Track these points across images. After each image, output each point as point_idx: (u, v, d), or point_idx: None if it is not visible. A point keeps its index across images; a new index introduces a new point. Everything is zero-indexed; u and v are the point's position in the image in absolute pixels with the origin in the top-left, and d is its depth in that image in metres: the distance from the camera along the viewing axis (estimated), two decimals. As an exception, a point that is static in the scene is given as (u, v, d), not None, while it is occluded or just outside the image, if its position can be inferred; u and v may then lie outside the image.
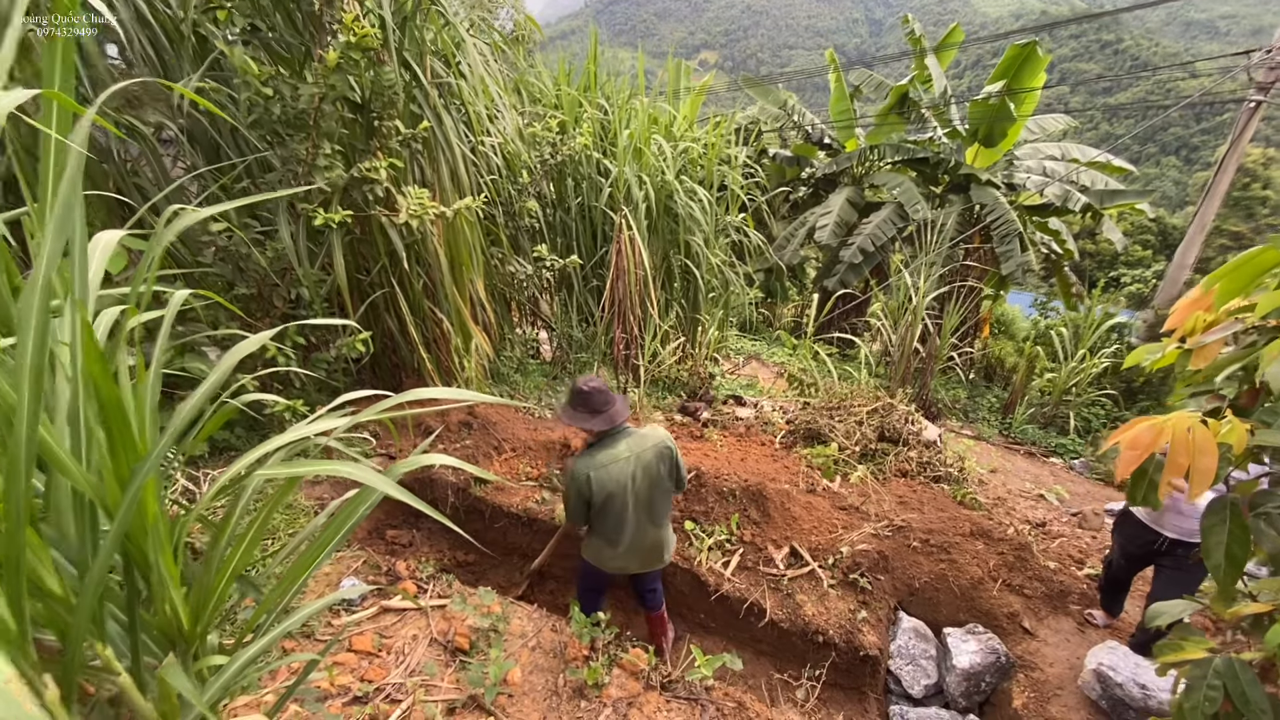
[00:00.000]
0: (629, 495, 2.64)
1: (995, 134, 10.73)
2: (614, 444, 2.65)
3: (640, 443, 2.68)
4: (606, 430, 2.65)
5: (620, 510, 2.66)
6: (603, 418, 2.65)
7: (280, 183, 3.30)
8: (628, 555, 2.79)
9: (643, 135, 6.26)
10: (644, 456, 2.65)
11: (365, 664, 2.46)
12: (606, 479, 2.59)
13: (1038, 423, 9.06)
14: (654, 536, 2.80)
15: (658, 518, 2.78)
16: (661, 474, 2.70)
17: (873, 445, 4.94)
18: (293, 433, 1.57)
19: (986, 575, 3.52)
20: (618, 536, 2.73)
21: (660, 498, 2.73)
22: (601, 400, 2.65)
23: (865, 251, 10.46)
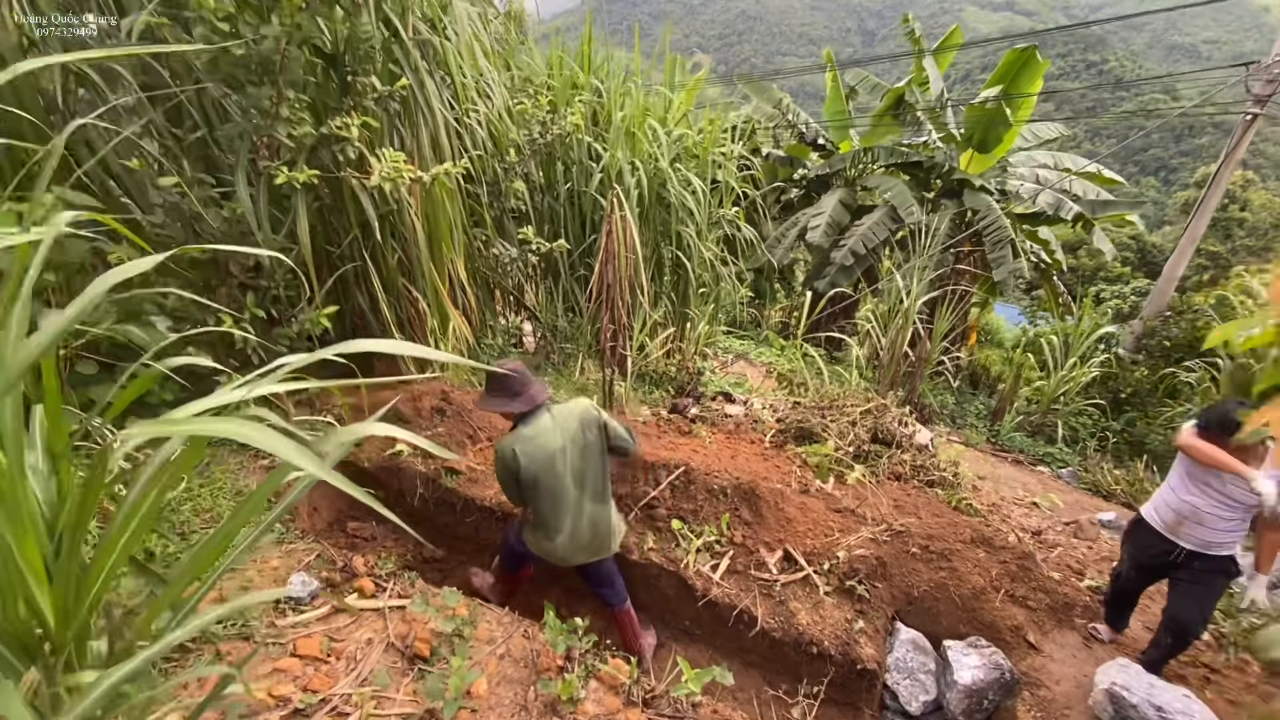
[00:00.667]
0: (561, 466, 2.62)
1: (990, 139, 10.66)
2: (536, 419, 2.65)
3: (563, 413, 2.69)
4: (528, 410, 2.65)
5: (554, 485, 2.62)
6: (522, 399, 2.65)
7: (239, 136, 3.00)
8: (570, 542, 2.70)
9: (637, 119, 6.01)
10: (569, 426, 2.66)
11: (310, 671, 2.18)
12: (533, 450, 2.57)
13: (1025, 430, 8.97)
14: (593, 513, 2.72)
15: (595, 491, 2.72)
16: (590, 440, 2.69)
17: (866, 446, 4.74)
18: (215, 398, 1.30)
19: (988, 585, 3.32)
20: (556, 518, 2.66)
21: (594, 465, 2.71)
22: (519, 382, 2.66)
23: (856, 254, 10.31)
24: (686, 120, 6.91)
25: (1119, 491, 6.78)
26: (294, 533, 2.86)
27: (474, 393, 4.17)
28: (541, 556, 2.79)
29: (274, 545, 2.74)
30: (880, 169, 11.91)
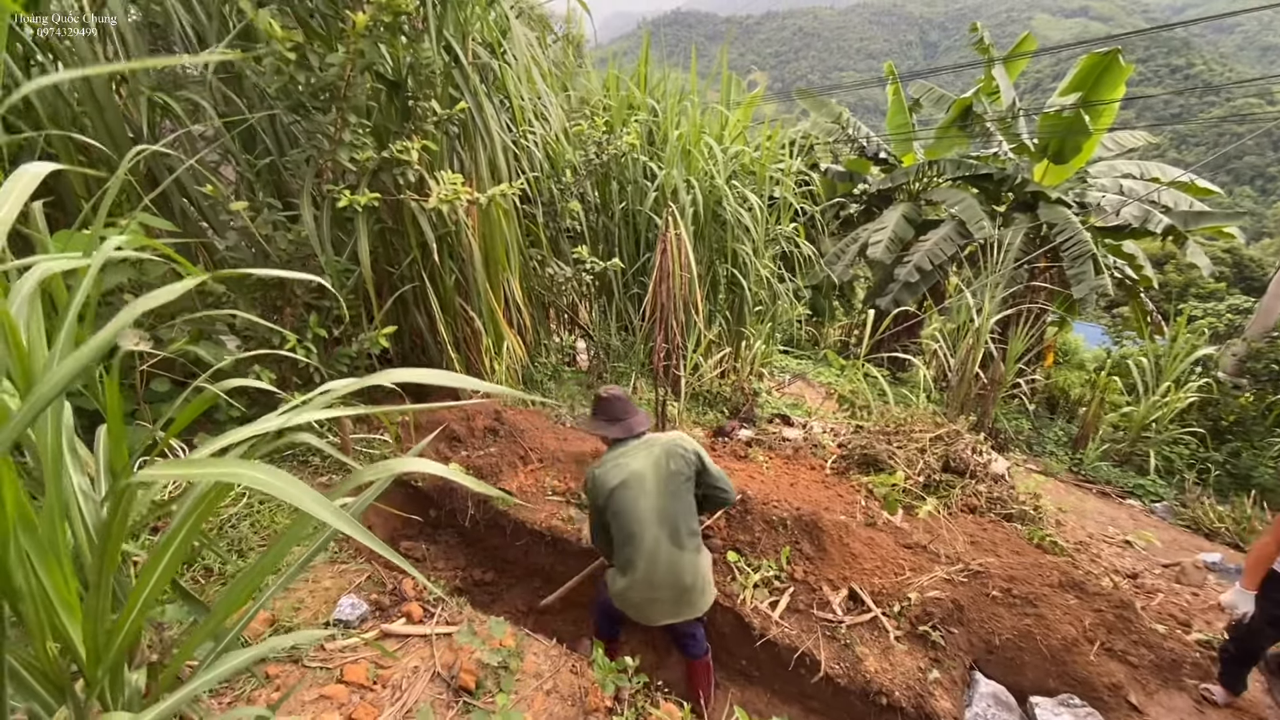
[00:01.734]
0: (637, 492, 2.45)
1: (1067, 149, 10.07)
2: (624, 446, 2.57)
3: (652, 440, 2.57)
4: (622, 438, 2.59)
5: (629, 511, 2.44)
6: (620, 425, 2.60)
7: (306, 161, 3.09)
8: (646, 585, 2.44)
9: (693, 136, 5.95)
10: (653, 451, 2.52)
11: (356, 699, 2.13)
12: (613, 470, 2.47)
13: (1112, 460, 8.30)
14: (673, 559, 2.43)
15: (675, 530, 2.45)
16: (673, 470, 2.48)
17: (936, 476, 4.44)
18: (261, 424, 1.26)
19: (1081, 636, 3.00)
20: (631, 556, 2.44)
21: (677, 501, 2.47)
22: (620, 409, 2.61)
23: (922, 270, 9.89)
24: (743, 137, 6.80)
25: (1223, 530, 6.13)
26: (346, 552, 2.86)
27: (527, 412, 4.15)
28: (621, 608, 2.56)
29: (327, 564, 2.74)
30: (946, 182, 11.44)
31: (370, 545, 0.87)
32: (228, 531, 2.77)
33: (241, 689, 2.06)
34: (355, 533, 0.86)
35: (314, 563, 2.73)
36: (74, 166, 3.19)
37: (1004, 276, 8.01)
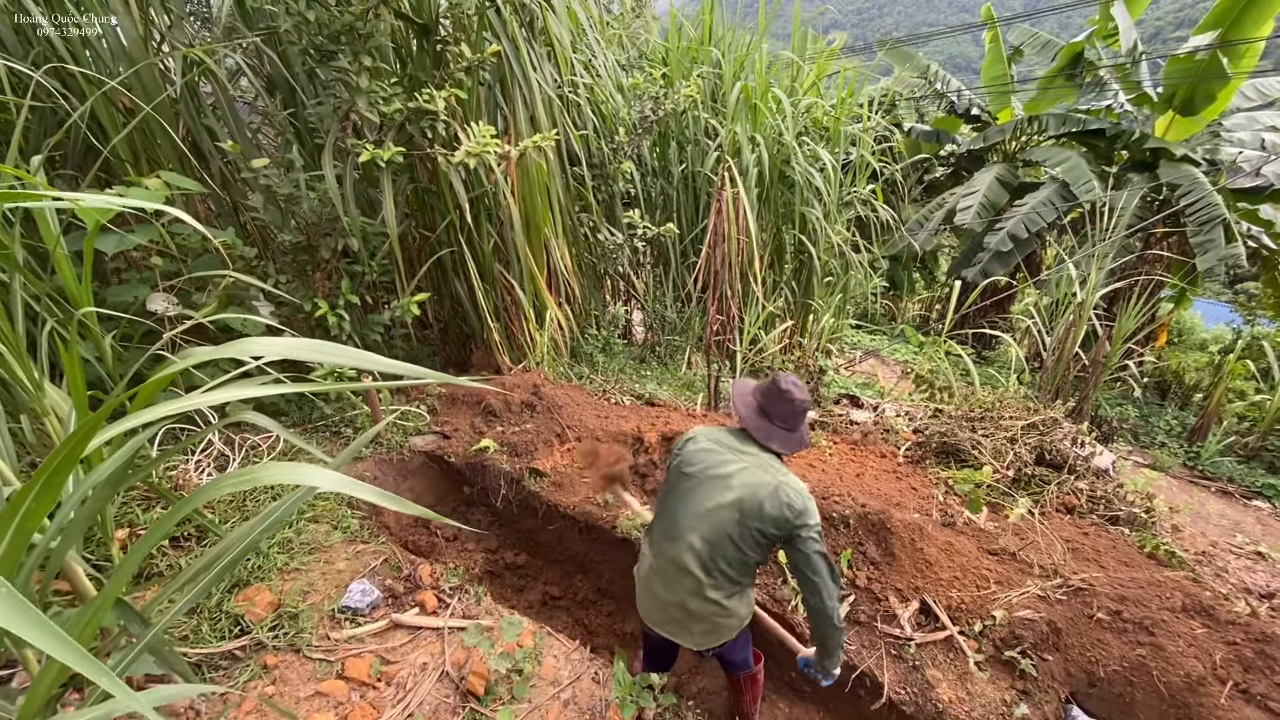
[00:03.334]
0: (694, 495, 1.90)
1: (1198, 98, 8.76)
2: (743, 445, 1.95)
3: (769, 473, 1.87)
4: (746, 430, 1.97)
5: (675, 506, 1.94)
6: (758, 423, 1.95)
7: (332, 113, 2.87)
8: (647, 581, 1.98)
9: (760, 89, 5.42)
10: (761, 478, 1.85)
11: (355, 698, 1.95)
12: (695, 455, 1.95)
13: (1236, 454, 7.29)
14: (689, 586, 1.88)
15: (703, 561, 1.87)
16: (752, 513, 1.81)
17: (1028, 470, 3.89)
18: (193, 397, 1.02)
19: (1210, 673, 2.47)
20: (659, 539, 1.96)
21: (724, 539, 1.85)
22: (781, 413, 1.93)
23: (1016, 238, 8.92)
24: (816, 89, 6.19)
25: (1381, 543, 5.21)
26: (368, 530, 2.70)
27: (567, 387, 3.89)
28: None
29: (344, 543, 2.59)
30: (1048, 140, 10.26)
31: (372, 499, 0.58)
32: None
33: (236, 679, 1.92)
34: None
35: (330, 542, 2.59)
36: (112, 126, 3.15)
37: (1114, 245, 7.08)
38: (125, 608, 1.23)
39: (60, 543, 1.24)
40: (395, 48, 3.53)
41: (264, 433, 3.19)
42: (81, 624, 1.04)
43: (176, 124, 3.39)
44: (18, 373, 1.74)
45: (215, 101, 3.61)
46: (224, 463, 2.96)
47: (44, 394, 1.83)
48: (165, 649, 1.33)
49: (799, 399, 1.93)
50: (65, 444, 0.91)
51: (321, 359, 0.99)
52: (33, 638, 0.59)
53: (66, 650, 0.59)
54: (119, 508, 2.43)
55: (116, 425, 1.14)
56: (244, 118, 3.77)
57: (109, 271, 3.11)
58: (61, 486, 0.96)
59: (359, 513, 2.78)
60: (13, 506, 0.93)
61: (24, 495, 0.92)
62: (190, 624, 2.05)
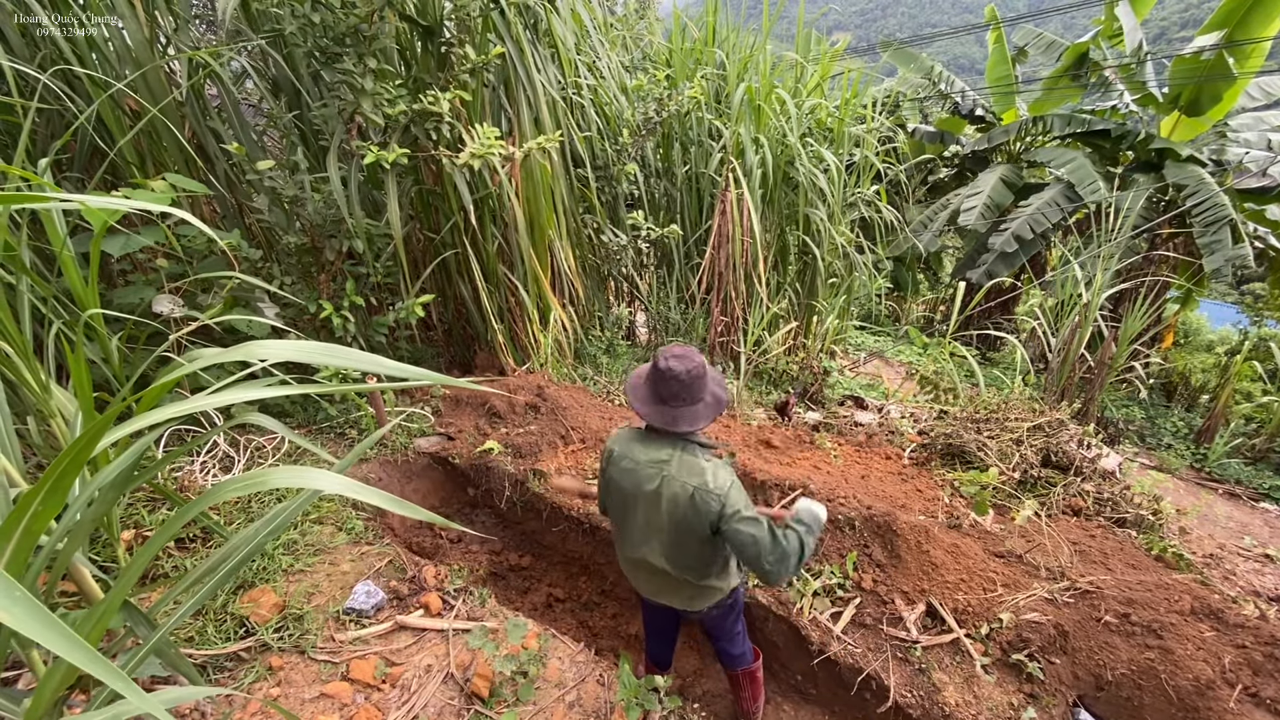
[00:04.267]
0: (631, 513, 1.90)
1: (1204, 99, 8.72)
2: (656, 448, 1.85)
3: (684, 473, 1.80)
4: (655, 429, 1.87)
5: (623, 519, 1.95)
6: (660, 411, 1.80)
7: (337, 115, 2.88)
8: (629, 566, 2.07)
9: (764, 89, 5.42)
10: (672, 487, 1.80)
11: (360, 699, 1.95)
12: (620, 479, 1.88)
13: (1243, 456, 7.25)
14: (654, 570, 1.95)
15: (671, 561, 1.90)
16: (690, 520, 1.80)
17: (1035, 472, 3.87)
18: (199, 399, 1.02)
19: (1219, 677, 2.45)
20: (620, 533, 2.00)
21: (680, 544, 1.87)
22: (673, 391, 1.77)
23: (1021, 239, 8.89)
24: (820, 90, 6.18)
25: (1391, 545, 5.17)
26: (372, 532, 2.70)
27: (571, 389, 3.88)
28: None
29: (349, 545, 2.59)
30: (1053, 141, 10.24)
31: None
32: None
33: (241, 680, 1.92)
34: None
35: (335, 543, 2.59)
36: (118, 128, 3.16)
37: (1119, 246, 7.07)
38: (132, 609, 1.23)
39: (67, 544, 1.24)
40: (400, 50, 3.53)
41: (269, 434, 3.19)
42: (89, 626, 1.04)
43: (182, 126, 3.39)
44: (24, 374, 1.75)
45: (221, 104, 3.62)
46: (229, 464, 2.96)
47: (50, 395, 1.84)
48: (171, 651, 1.33)
49: (682, 369, 1.76)
50: (73, 446, 0.91)
51: (326, 361, 0.99)
52: (45, 639, 0.59)
53: (78, 652, 0.59)
54: (125, 509, 2.44)
55: (123, 427, 1.14)
56: (249, 120, 3.78)
57: (115, 273, 3.12)
58: (68, 488, 0.96)
59: (363, 514, 2.78)
60: (20, 508, 0.93)
61: (31, 497, 0.93)
62: (196, 625, 2.06)
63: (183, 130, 3.39)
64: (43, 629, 0.60)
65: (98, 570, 1.71)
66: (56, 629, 0.60)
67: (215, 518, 2.51)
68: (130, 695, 0.60)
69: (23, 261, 1.87)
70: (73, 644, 0.60)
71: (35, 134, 3.08)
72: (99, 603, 1.06)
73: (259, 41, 3.30)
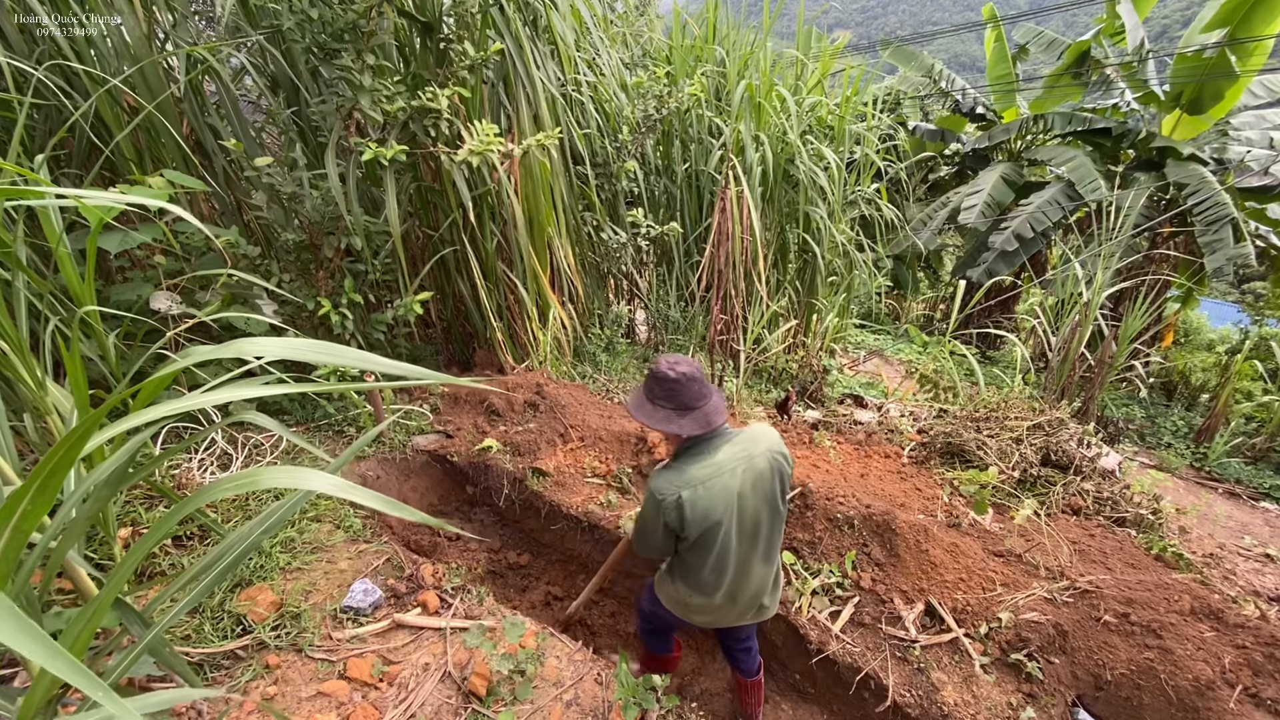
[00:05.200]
0: (734, 522, 1.87)
1: (1206, 97, 8.70)
2: (711, 452, 1.85)
3: (749, 447, 1.87)
4: (700, 435, 1.85)
5: (724, 544, 1.88)
6: (695, 416, 1.82)
7: (335, 111, 2.87)
8: (723, 605, 2.00)
9: (764, 86, 5.40)
10: (756, 464, 1.85)
11: (357, 698, 1.95)
12: (710, 502, 1.81)
13: (1243, 456, 7.24)
14: (760, 577, 2.00)
15: (768, 549, 1.97)
16: (777, 491, 1.90)
17: (1034, 471, 3.87)
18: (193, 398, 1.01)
19: (1218, 677, 2.45)
20: (715, 580, 1.94)
21: (773, 518, 1.93)
22: (695, 392, 1.82)
23: (1021, 237, 8.87)
24: (821, 87, 6.16)
25: (1391, 545, 5.17)
26: (370, 529, 2.70)
27: (570, 386, 3.88)
28: (676, 615, 2.10)
29: (346, 543, 2.59)
30: (1054, 139, 10.22)
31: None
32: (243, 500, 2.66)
33: (238, 679, 1.92)
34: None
35: (332, 541, 2.58)
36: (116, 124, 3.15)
37: (1120, 245, 7.04)
38: (126, 608, 1.22)
39: (61, 542, 1.23)
40: (398, 46, 3.52)
41: (267, 431, 3.19)
42: (80, 625, 1.03)
43: (180, 123, 3.38)
44: (20, 371, 1.74)
45: (219, 100, 3.61)
46: (227, 461, 2.96)
47: (46, 392, 1.83)
48: (166, 649, 1.32)
49: (692, 370, 1.84)
50: (64, 442, 0.90)
51: (324, 359, 0.98)
52: (23, 648, 0.57)
53: (57, 661, 0.58)
54: (121, 507, 2.43)
55: (118, 424, 1.13)
56: (248, 117, 3.77)
57: (112, 270, 3.11)
58: (60, 485, 0.95)
59: (361, 512, 2.78)
60: (10, 505, 0.92)
61: (22, 494, 0.92)
62: (192, 623, 2.05)
63: (181, 127, 3.37)
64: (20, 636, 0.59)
65: (93, 569, 1.70)
66: (36, 638, 0.59)
67: (212, 515, 2.51)
68: (108, 704, 0.59)
69: (19, 258, 1.86)
70: (53, 653, 0.59)
71: (33, 130, 3.07)
72: (91, 601, 1.05)
73: (257, 37, 3.29)
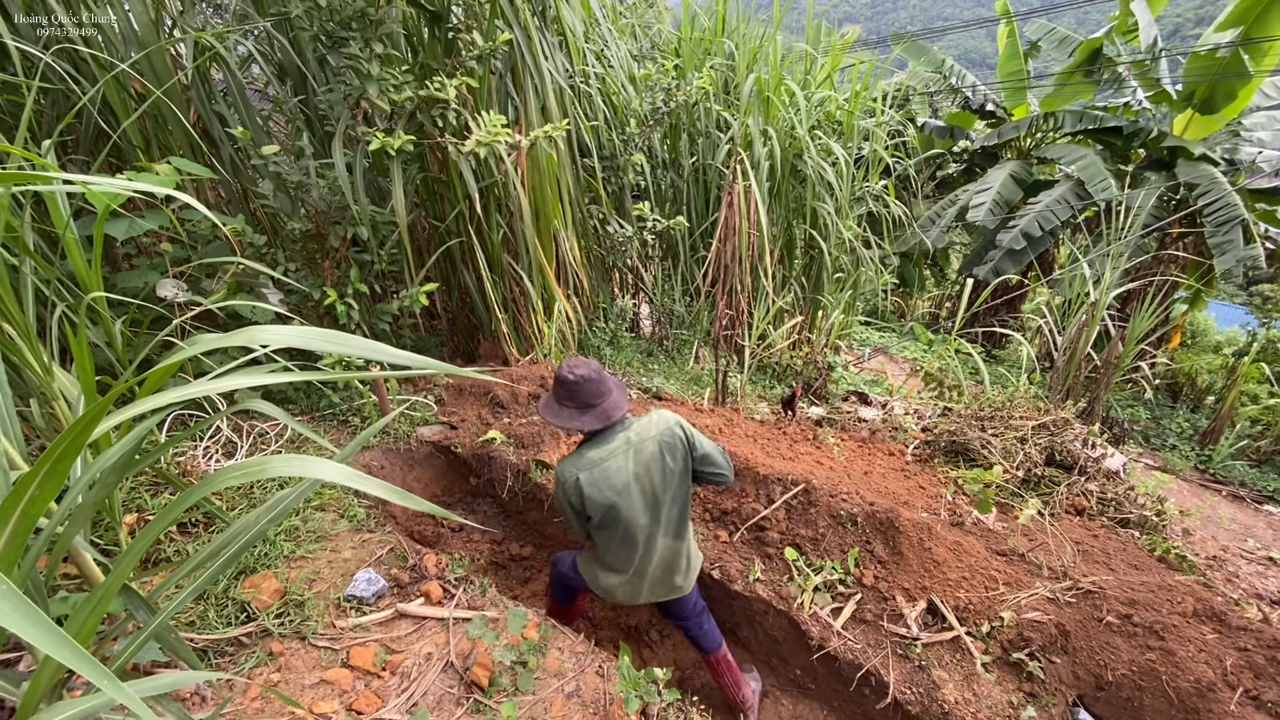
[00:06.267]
0: (633, 500, 2.09)
1: (1218, 97, 8.62)
2: (609, 439, 2.11)
3: (641, 432, 2.12)
4: (600, 428, 2.10)
5: (626, 524, 2.11)
6: (595, 412, 2.08)
7: (343, 100, 2.86)
8: (634, 583, 2.22)
9: (773, 80, 5.37)
10: (645, 448, 2.10)
11: (360, 686, 1.95)
12: (602, 482, 2.05)
13: (1249, 459, 7.22)
14: (668, 550, 2.20)
15: (672, 525, 2.18)
16: (671, 466, 2.11)
17: (1038, 470, 3.85)
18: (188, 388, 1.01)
19: (1220, 679, 2.44)
20: (621, 557, 2.17)
21: (674, 496, 2.15)
22: (593, 391, 2.08)
23: (1029, 236, 8.83)
24: (830, 82, 6.12)
25: (1396, 550, 5.15)
26: (374, 519, 2.70)
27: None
28: (598, 594, 2.33)
29: (350, 532, 2.59)
30: (1064, 137, 10.15)
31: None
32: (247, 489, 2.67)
33: (242, 665, 1.93)
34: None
35: (336, 530, 2.59)
36: (123, 111, 3.14)
37: (1129, 245, 7.01)
38: (132, 594, 1.22)
39: (68, 527, 1.24)
40: (406, 35, 3.50)
41: (272, 420, 3.19)
42: (86, 611, 1.03)
43: (187, 110, 3.37)
44: (27, 356, 1.74)
45: (226, 88, 3.60)
46: (232, 449, 2.97)
47: (53, 378, 1.83)
48: (171, 635, 1.33)
49: (590, 373, 2.06)
50: (73, 427, 0.90)
51: (330, 348, 0.98)
52: (29, 635, 0.58)
53: (63, 648, 0.58)
54: (127, 493, 2.44)
55: (125, 410, 1.14)
56: (255, 105, 3.76)
57: (119, 257, 3.11)
58: (68, 470, 0.95)
59: (365, 502, 2.79)
60: (18, 491, 0.92)
61: (29, 479, 0.92)
62: (197, 610, 2.06)
63: (188, 114, 3.37)
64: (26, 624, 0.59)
65: (100, 554, 1.71)
66: (40, 624, 0.59)
67: (218, 503, 2.52)
68: (111, 690, 0.59)
69: (26, 243, 1.86)
70: (57, 639, 0.59)
71: (40, 115, 3.06)
72: (97, 587, 1.05)
73: (265, 24, 3.28)
